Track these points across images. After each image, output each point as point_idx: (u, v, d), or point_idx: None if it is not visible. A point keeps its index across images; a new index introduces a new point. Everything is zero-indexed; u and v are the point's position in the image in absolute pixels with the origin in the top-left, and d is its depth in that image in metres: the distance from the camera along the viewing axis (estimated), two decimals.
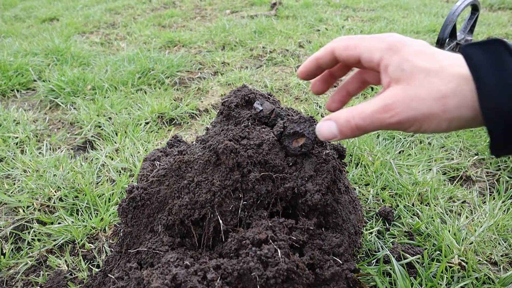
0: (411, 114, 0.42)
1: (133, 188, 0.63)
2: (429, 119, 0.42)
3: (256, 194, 0.55)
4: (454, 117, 0.42)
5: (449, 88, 0.41)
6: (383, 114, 0.43)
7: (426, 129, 0.44)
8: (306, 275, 0.48)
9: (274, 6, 3.16)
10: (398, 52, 0.44)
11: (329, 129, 0.47)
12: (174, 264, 0.48)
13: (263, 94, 0.71)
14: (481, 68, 0.40)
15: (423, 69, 0.43)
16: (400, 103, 0.43)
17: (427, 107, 0.42)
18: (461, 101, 0.41)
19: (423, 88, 0.42)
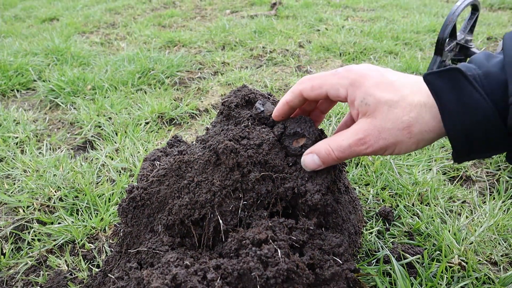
0: (383, 144, 0.48)
1: (133, 188, 0.63)
2: (398, 145, 0.48)
3: (256, 194, 0.55)
4: (419, 140, 0.48)
5: (411, 118, 0.47)
6: (359, 146, 0.49)
7: (398, 152, 0.50)
8: (306, 275, 0.48)
9: (274, 6, 3.16)
10: (361, 87, 0.49)
11: (313, 161, 0.54)
12: (174, 264, 0.48)
13: (263, 94, 0.71)
14: (442, 92, 0.45)
15: (385, 102, 0.48)
16: (371, 136, 0.48)
17: (394, 136, 0.48)
18: (423, 127, 0.47)
19: (388, 121, 0.48)
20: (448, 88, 0.45)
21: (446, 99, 0.45)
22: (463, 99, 0.44)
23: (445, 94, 0.45)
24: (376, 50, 2.11)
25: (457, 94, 0.45)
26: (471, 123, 0.45)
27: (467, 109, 0.44)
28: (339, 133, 0.52)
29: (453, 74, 0.45)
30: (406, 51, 2.09)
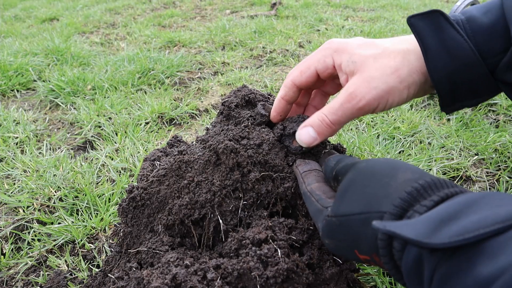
0: (374, 94, 0.47)
1: (133, 188, 0.63)
2: (390, 93, 0.47)
3: (256, 194, 0.55)
4: (410, 84, 0.47)
5: (397, 62, 0.47)
6: (351, 102, 0.48)
7: (392, 103, 0.48)
8: (306, 274, 0.48)
9: (274, 6, 3.16)
10: (345, 51, 0.50)
11: (308, 134, 0.52)
12: (174, 264, 0.48)
13: (263, 94, 0.71)
14: (424, 33, 0.45)
15: (371, 55, 0.48)
16: (361, 88, 0.47)
17: (385, 82, 0.47)
18: (411, 69, 0.47)
19: (376, 70, 0.47)
20: (430, 30, 0.45)
21: (429, 41, 0.45)
22: (445, 41, 0.45)
23: (427, 36, 0.45)
24: None
25: (439, 36, 0.45)
26: (454, 66, 0.45)
27: (450, 51, 0.44)
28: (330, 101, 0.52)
29: (436, 16, 0.45)
30: None
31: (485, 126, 1.27)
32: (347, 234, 0.39)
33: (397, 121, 1.30)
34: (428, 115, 1.37)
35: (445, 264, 0.28)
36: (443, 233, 0.28)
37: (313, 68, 0.53)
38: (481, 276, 0.25)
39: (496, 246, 0.26)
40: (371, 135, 1.21)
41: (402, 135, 1.23)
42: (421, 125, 1.29)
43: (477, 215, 0.28)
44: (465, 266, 0.27)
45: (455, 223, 0.28)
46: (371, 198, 0.37)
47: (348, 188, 0.41)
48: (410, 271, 0.32)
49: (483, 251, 0.26)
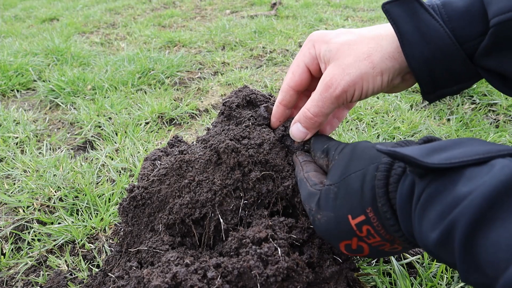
0: (348, 80, 0.47)
1: (134, 187, 0.63)
2: (364, 79, 0.47)
3: (256, 193, 0.56)
4: (383, 70, 0.47)
5: (370, 48, 0.47)
6: (328, 90, 0.49)
7: (367, 89, 0.49)
8: (306, 273, 0.48)
9: (274, 6, 3.16)
10: (323, 41, 0.51)
11: (298, 130, 0.55)
12: (174, 263, 0.48)
13: (264, 95, 0.71)
14: (399, 19, 0.45)
15: (346, 43, 0.48)
16: (336, 76, 0.48)
17: (357, 68, 0.47)
18: (384, 55, 0.47)
19: (349, 56, 0.48)
20: (405, 16, 0.45)
21: (404, 27, 0.45)
22: (420, 26, 0.44)
23: (402, 22, 0.45)
24: None
25: (414, 21, 0.44)
26: (431, 52, 0.45)
27: (425, 36, 0.44)
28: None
29: (410, 1, 0.45)
30: None
31: (485, 126, 1.27)
32: (344, 197, 0.42)
33: (397, 121, 1.30)
34: (428, 115, 1.37)
35: (432, 185, 0.33)
36: (435, 158, 0.33)
37: (302, 64, 0.54)
38: (460, 193, 0.31)
39: (475, 171, 0.31)
40: (371, 135, 1.21)
41: (402, 135, 1.23)
42: (421, 125, 1.29)
43: (462, 149, 0.34)
44: (448, 186, 0.32)
45: (444, 152, 0.34)
46: (367, 158, 0.42)
47: (346, 158, 0.45)
48: (404, 199, 0.36)
49: (464, 175, 0.31)
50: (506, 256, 0.25)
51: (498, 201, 0.27)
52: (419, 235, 0.35)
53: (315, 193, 0.47)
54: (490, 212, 0.27)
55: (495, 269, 0.26)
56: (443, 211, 0.31)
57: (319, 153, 0.52)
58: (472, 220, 0.28)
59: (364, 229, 0.41)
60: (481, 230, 0.28)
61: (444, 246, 0.32)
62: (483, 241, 0.27)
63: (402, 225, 0.38)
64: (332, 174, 0.46)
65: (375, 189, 0.39)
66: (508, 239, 0.26)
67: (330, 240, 0.47)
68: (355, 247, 0.44)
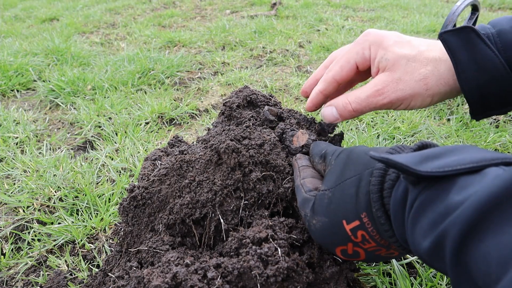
0: (400, 95, 0.50)
1: (134, 187, 0.63)
2: (414, 97, 0.50)
3: (257, 194, 0.55)
4: (435, 93, 0.50)
5: (428, 70, 0.49)
6: (376, 97, 0.51)
7: (413, 106, 0.51)
8: (306, 273, 0.48)
9: (274, 6, 3.16)
10: (381, 45, 0.51)
11: (331, 113, 0.56)
12: (174, 263, 0.48)
13: (265, 95, 0.71)
14: (456, 49, 0.47)
15: (404, 56, 0.50)
16: (389, 87, 0.50)
17: (411, 88, 0.49)
18: (439, 79, 0.49)
19: (406, 73, 0.49)
20: (462, 46, 0.47)
21: (460, 56, 0.47)
22: (476, 56, 0.46)
23: (459, 51, 0.47)
24: None
25: (470, 51, 0.46)
26: (485, 80, 0.46)
27: (481, 66, 0.46)
28: (358, 89, 0.54)
29: (467, 32, 0.46)
30: None
31: (485, 126, 1.27)
32: (338, 202, 0.43)
33: (397, 121, 1.30)
34: (428, 115, 1.37)
35: (425, 193, 0.33)
36: (428, 165, 0.33)
37: (353, 62, 0.55)
38: (452, 202, 0.30)
39: (468, 180, 0.31)
40: (371, 135, 1.21)
41: (402, 135, 1.23)
42: (421, 125, 1.29)
43: (456, 157, 0.33)
44: (441, 194, 0.32)
45: (437, 160, 0.34)
46: (362, 164, 0.42)
47: (341, 163, 0.46)
48: (397, 205, 0.36)
49: (457, 184, 0.31)
50: (497, 268, 0.25)
51: (489, 213, 0.27)
52: (412, 242, 0.35)
53: (310, 199, 0.47)
54: (481, 223, 0.27)
55: (486, 281, 0.26)
56: (435, 220, 0.31)
57: (317, 158, 0.53)
58: (463, 230, 0.28)
59: (359, 235, 0.41)
60: (472, 241, 0.28)
61: (435, 254, 0.32)
62: (474, 252, 0.27)
63: (396, 231, 0.38)
64: (327, 179, 0.47)
65: (370, 194, 0.39)
66: (499, 251, 0.25)
67: (326, 246, 0.47)
68: (351, 252, 0.44)
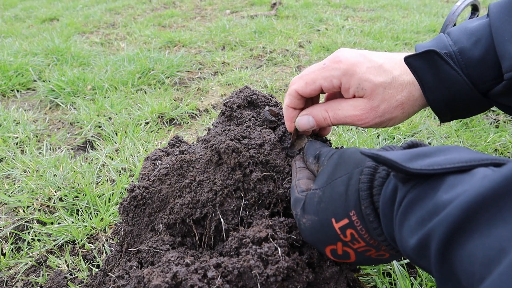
0: (378, 121, 0.54)
1: (135, 187, 0.63)
2: (392, 120, 0.55)
3: (257, 194, 0.56)
4: (410, 113, 0.55)
5: (403, 96, 0.53)
6: (355, 121, 0.55)
7: (392, 125, 0.57)
8: (306, 273, 0.48)
9: (274, 6, 3.16)
10: (354, 75, 0.53)
11: (308, 122, 0.58)
12: (174, 263, 0.48)
13: (265, 95, 0.71)
14: (421, 71, 0.51)
15: (380, 85, 0.52)
16: (368, 114, 0.54)
17: (390, 114, 0.54)
18: (414, 103, 0.54)
19: (384, 100, 0.53)
20: (426, 68, 0.51)
21: (426, 77, 0.51)
22: (441, 76, 0.51)
23: (424, 73, 0.51)
24: (376, 50, 2.11)
25: (434, 72, 0.51)
26: (450, 97, 0.52)
27: (446, 85, 0.51)
28: (336, 101, 0.56)
29: (431, 55, 0.50)
30: (406, 51, 2.09)
31: (485, 126, 1.27)
32: (328, 200, 0.44)
33: None
34: (428, 115, 1.37)
35: (414, 191, 0.34)
36: (417, 163, 0.33)
37: (318, 84, 0.55)
38: (440, 200, 0.31)
39: (457, 179, 0.31)
40: (371, 135, 1.21)
41: (402, 135, 1.23)
42: (421, 125, 1.29)
43: (446, 156, 0.34)
44: (430, 192, 0.32)
45: (427, 158, 0.34)
46: (353, 163, 0.44)
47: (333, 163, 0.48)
48: (386, 203, 0.37)
49: (446, 182, 0.32)
50: (481, 269, 0.25)
51: (476, 213, 0.27)
52: (399, 240, 0.35)
53: (301, 199, 0.48)
54: (467, 223, 0.27)
55: (470, 281, 0.26)
56: (423, 218, 0.32)
57: (311, 159, 0.55)
58: (449, 230, 0.28)
59: (348, 233, 0.41)
60: (458, 241, 0.28)
61: (421, 252, 0.32)
62: (459, 252, 0.28)
63: (384, 229, 0.38)
64: (318, 179, 0.48)
65: (359, 192, 0.40)
66: (484, 251, 0.26)
67: (316, 245, 0.47)
68: (341, 253, 0.44)
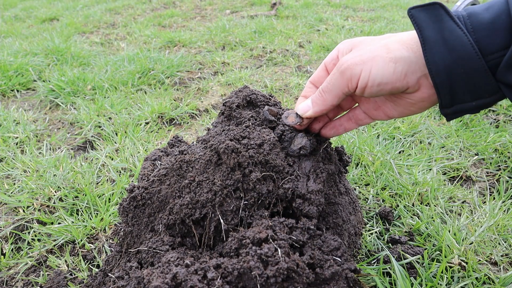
0: (358, 59, 0.48)
1: (134, 187, 0.63)
2: (374, 60, 0.47)
3: (257, 194, 0.55)
4: (397, 58, 0.47)
5: (390, 39, 0.48)
6: (337, 68, 0.50)
7: (376, 73, 0.47)
8: (306, 274, 0.48)
9: (274, 6, 3.16)
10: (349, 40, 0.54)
11: (305, 103, 0.56)
12: (174, 264, 0.48)
13: (264, 95, 0.71)
14: (424, 24, 0.45)
15: (369, 38, 0.51)
16: (349, 56, 0.49)
17: (371, 52, 0.48)
18: (402, 45, 0.47)
19: (368, 44, 0.50)
20: (430, 22, 0.45)
21: (428, 32, 0.45)
22: (444, 33, 0.44)
23: (427, 27, 0.45)
24: None
25: (438, 28, 0.45)
26: (452, 59, 0.44)
27: (448, 43, 0.44)
28: None
29: (436, 8, 0.45)
30: None
31: (485, 126, 1.27)
32: None
33: (397, 121, 1.30)
34: (428, 115, 1.37)
35: None
36: None
37: (322, 64, 0.57)
38: None
39: None
40: (371, 135, 1.21)
41: (402, 135, 1.23)
42: (421, 125, 1.29)
43: None
44: None
45: None
46: None
47: None
48: None
49: None
50: None
51: None
52: None
53: None
54: None
55: None
56: None
57: None
58: None
59: None
60: None
61: None
62: None
63: None
64: None
65: None
66: None
67: None
68: None
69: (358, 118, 0.60)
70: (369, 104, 0.57)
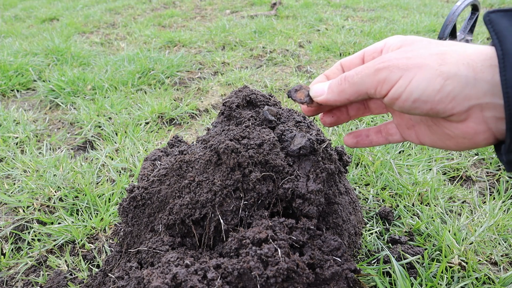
0: (402, 62, 0.38)
1: (134, 187, 0.63)
2: (421, 69, 0.37)
3: (257, 194, 0.55)
4: (451, 75, 0.36)
5: (450, 48, 0.37)
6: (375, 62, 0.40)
7: (417, 85, 0.37)
8: (306, 274, 0.48)
9: (274, 6, 3.16)
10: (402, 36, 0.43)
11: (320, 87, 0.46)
12: (174, 264, 0.48)
13: (264, 95, 0.71)
14: (505, 33, 0.34)
15: (425, 38, 0.40)
16: (393, 54, 0.40)
17: (421, 57, 0.37)
18: (462, 59, 0.36)
19: (422, 48, 0.39)
20: None
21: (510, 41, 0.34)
22: None
23: (509, 35, 0.34)
24: None
25: None
26: None
27: None
28: None
29: None
30: None
31: None
32: None
33: None
34: None
35: None
36: None
37: (362, 51, 0.48)
38: None
39: None
40: None
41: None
42: None
43: None
44: None
45: None
46: None
47: None
48: None
49: None
50: None
51: None
52: None
53: None
54: None
55: None
56: None
57: None
58: None
59: None
60: None
61: None
62: None
63: None
64: None
65: None
66: None
67: None
68: None
69: (389, 132, 0.50)
70: (402, 120, 0.48)
